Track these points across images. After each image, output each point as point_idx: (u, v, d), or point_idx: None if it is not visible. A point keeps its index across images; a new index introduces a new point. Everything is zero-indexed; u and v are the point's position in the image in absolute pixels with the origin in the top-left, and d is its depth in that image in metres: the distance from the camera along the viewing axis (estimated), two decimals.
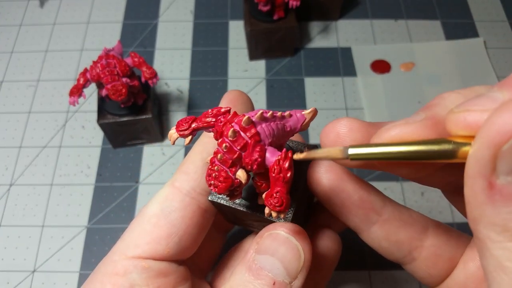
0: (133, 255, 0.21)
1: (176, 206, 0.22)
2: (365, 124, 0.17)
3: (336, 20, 0.50)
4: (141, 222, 0.22)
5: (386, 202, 0.20)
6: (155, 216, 0.22)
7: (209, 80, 0.46)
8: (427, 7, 0.51)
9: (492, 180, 0.13)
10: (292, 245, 0.19)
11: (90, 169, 0.41)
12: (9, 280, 0.36)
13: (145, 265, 0.21)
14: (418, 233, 0.20)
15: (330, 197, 0.19)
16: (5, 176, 0.41)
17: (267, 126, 0.18)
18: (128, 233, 0.22)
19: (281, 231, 0.19)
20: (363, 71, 0.46)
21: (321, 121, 0.43)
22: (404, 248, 0.20)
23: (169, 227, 0.22)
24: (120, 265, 0.21)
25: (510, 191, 0.13)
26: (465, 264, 0.19)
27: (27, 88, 0.46)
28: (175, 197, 0.22)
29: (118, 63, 0.35)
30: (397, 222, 0.19)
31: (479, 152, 0.13)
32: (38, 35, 0.49)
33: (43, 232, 0.38)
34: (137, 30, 0.49)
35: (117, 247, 0.22)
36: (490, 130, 0.12)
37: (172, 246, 0.22)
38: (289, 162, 0.17)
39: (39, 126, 0.43)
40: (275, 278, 0.19)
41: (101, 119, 0.38)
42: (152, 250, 0.21)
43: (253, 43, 0.45)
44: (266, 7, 0.41)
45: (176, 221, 0.22)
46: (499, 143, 0.12)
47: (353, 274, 0.36)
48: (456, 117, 0.14)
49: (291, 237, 0.19)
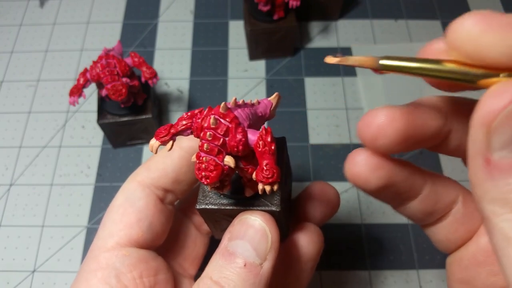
0: (111, 244, 0.22)
1: (139, 195, 0.24)
2: (405, 111, 0.17)
3: (336, 20, 0.50)
4: (110, 214, 0.24)
5: (426, 179, 0.20)
6: (121, 206, 0.24)
7: (209, 80, 0.46)
8: (427, 7, 0.51)
9: (488, 156, 0.14)
10: (259, 227, 0.21)
11: (90, 169, 0.41)
12: (9, 280, 0.36)
13: (125, 253, 0.22)
14: (451, 203, 0.20)
15: (377, 194, 0.19)
16: (5, 176, 0.41)
17: (243, 111, 0.19)
18: (101, 229, 0.24)
19: (249, 216, 0.21)
20: (363, 71, 0.46)
21: (322, 121, 0.43)
22: (434, 216, 0.20)
23: (136, 213, 0.23)
24: (101, 258, 0.22)
25: (505, 164, 0.13)
26: (478, 237, 0.20)
27: (27, 88, 0.46)
28: (138, 188, 0.24)
29: (118, 63, 0.35)
30: (434, 196, 0.20)
31: (474, 133, 0.14)
32: (38, 35, 0.49)
33: (43, 232, 0.38)
34: (137, 30, 0.49)
35: (94, 244, 0.23)
36: (481, 111, 0.13)
37: (144, 230, 0.23)
38: (271, 135, 0.18)
39: (39, 126, 0.43)
40: (246, 259, 0.20)
41: (101, 119, 0.38)
42: (127, 235, 0.23)
43: (253, 43, 0.45)
44: (266, 7, 0.41)
45: (142, 207, 0.24)
46: (489, 122, 0.13)
47: (353, 274, 0.36)
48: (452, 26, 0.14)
49: (258, 219, 0.21)
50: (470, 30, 0.14)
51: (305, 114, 0.44)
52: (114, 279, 0.21)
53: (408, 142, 0.17)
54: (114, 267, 0.22)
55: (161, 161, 0.25)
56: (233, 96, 0.44)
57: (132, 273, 0.22)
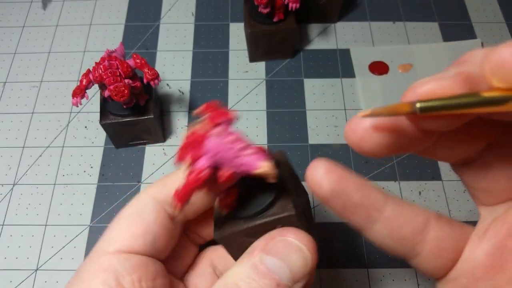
0: (113, 250, 0.23)
1: (150, 209, 0.24)
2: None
3: (335, 22, 0.50)
4: (118, 221, 0.24)
5: (388, 199, 0.19)
6: (131, 215, 0.24)
7: (210, 81, 0.47)
8: (425, 9, 0.51)
9: None
10: (303, 255, 0.20)
11: (92, 169, 0.42)
12: (11, 278, 0.37)
13: (126, 256, 0.23)
14: (421, 228, 0.19)
15: (331, 199, 0.20)
16: (9, 175, 0.41)
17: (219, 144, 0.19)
18: (107, 233, 0.24)
19: (294, 239, 0.21)
20: (362, 72, 0.47)
21: (321, 121, 0.44)
22: (407, 243, 0.20)
23: (144, 226, 0.24)
24: (102, 260, 0.22)
25: None
26: (471, 253, 0.19)
27: (30, 89, 0.46)
28: (150, 202, 0.24)
29: (120, 64, 0.36)
30: (398, 219, 0.19)
31: None
32: (41, 36, 0.50)
33: (46, 231, 0.39)
34: (139, 32, 0.50)
35: (97, 247, 0.24)
36: None
37: (147, 243, 0.23)
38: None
39: (42, 127, 0.44)
40: (280, 280, 0.20)
41: (103, 119, 0.39)
42: (130, 245, 0.23)
43: (253, 45, 0.45)
44: (266, 10, 0.42)
45: (150, 221, 0.24)
46: None
47: (351, 272, 0.37)
48: (494, 54, 0.13)
49: (303, 247, 0.21)
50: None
51: (304, 114, 0.44)
52: (114, 282, 0.22)
53: (393, 146, 0.17)
54: (114, 270, 0.22)
55: (176, 178, 0.25)
56: (233, 97, 0.45)
57: (132, 277, 0.22)
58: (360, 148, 0.18)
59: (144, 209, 0.24)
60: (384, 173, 0.41)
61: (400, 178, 0.41)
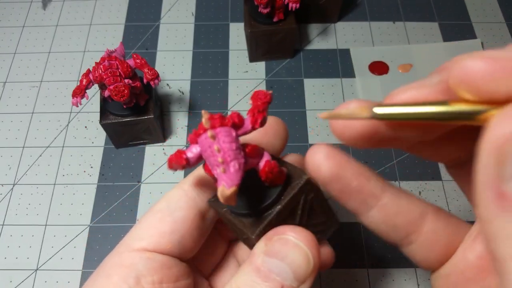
0: (138, 247, 0.22)
1: (180, 205, 0.23)
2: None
3: (335, 22, 0.50)
4: (148, 217, 0.23)
5: (386, 187, 0.19)
6: (161, 211, 0.23)
7: (210, 81, 0.47)
8: (425, 9, 0.51)
9: (502, 188, 0.12)
10: (302, 251, 0.20)
11: (92, 169, 0.42)
12: (12, 278, 0.37)
13: (150, 256, 0.22)
14: (416, 218, 0.19)
15: (329, 183, 0.19)
16: (9, 175, 0.41)
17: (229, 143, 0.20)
18: (135, 228, 0.23)
19: (291, 236, 0.20)
20: (362, 72, 0.47)
21: (321, 121, 0.44)
22: (402, 231, 0.20)
23: (172, 223, 0.23)
24: (125, 256, 0.22)
25: None
26: (464, 253, 0.19)
27: (30, 89, 0.46)
28: (181, 198, 0.23)
29: (120, 64, 0.36)
30: (395, 207, 0.19)
31: (483, 162, 0.12)
32: (41, 36, 0.50)
33: (46, 231, 0.39)
34: (139, 32, 0.50)
35: (124, 241, 0.23)
36: (491, 136, 0.12)
37: (174, 242, 0.23)
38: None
39: (42, 127, 0.44)
40: (283, 282, 0.19)
41: (103, 119, 0.39)
42: (156, 243, 0.22)
43: (253, 45, 0.45)
44: (266, 10, 0.42)
45: (179, 219, 0.23)
46: (501, 148, 0.12)
47: (352, 272, 0.37)
48: (456, 67, 0.13)
49: (300, 242, 0.20)
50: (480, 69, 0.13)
51: (304, 114, 0.44)
52: (133, 280, 0.21)
53: (375, 138, 0.17)
54: (136, 268, 0.21)
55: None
56: (233, 97, 0.45)
57: (153, 277, 0.22)
58: (342, 137, 0.18)
59: (174, 205, 0.23)
60: (384, 173, 0.41)
61: (400, 178, 0.41)
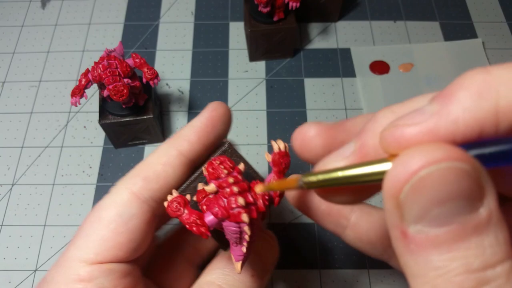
0: (95, 261, 0.21)
1: (134, 212, 0.22)
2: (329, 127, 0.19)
3: (336, 22, 0.50)
4: (98, 227, 0.21)
5: (355, 207, 0.20)
6: (114, 222, 0.21)
7: (210, 80, 0.46)
8: (426, 8, 0.51)
9: (404, 229, 0.13)
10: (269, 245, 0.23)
11: (91, 169, 0.41)
12: (10, 279, 0.36)
13: (109, 267, 0.21)
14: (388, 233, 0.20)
15: (302, 210, 0.21)
16: (7, 176, 0.41)
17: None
18: (83, 239, 0.21)
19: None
20: (362, 72, 0.46)
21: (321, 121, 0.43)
22: (378, 247, 0.21)
23: (129, 234, 0.21)
24: (83, 271, 0.21)
25: (421, 239, 0.12)
26: None
27: (29, 88, 0.46)
28: (134, 204, 0.22)
29: (119, 64, 0.36)
30: (365, 224, 0.20)
31: (386, 205, 0.13)
32: (40, 36, 0.50)
33: (45, 231, 0.38)
34: (138, 31, 0.50)
35: (72, 253, 0.21)
36: (388, 182, 0.13)
37: (131, 251, 0.22)
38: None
39: (41, 126, 0.44)
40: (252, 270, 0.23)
41: (102, 119, 0.38)
42: (113, 256, 0.21)
43: (253, 44, 0.45)
44: (266, 9, 0.41)
45: (135, 228, 0.22)
46: (396, 194, 0.12)
47: (352, 273, 0.36)
48: (385, 135, 0.13)
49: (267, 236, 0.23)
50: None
51: (304, 114, 0.44)
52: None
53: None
54: (99, 282, 0.21)
55: (162, 169, 0.22)
56: (233, 96, 0.45)
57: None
58: (300, 153, 0.19)
59: (127, 213, 0.21)
60: None
61: None
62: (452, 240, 0.12)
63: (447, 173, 0.12)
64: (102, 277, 0.21)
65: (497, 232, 0.12)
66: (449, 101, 0.12)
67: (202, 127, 0.23)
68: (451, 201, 0.12)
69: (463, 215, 0.12)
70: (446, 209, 0.12)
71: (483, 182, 0.12)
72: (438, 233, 0.12)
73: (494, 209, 0.12)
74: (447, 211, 0.12)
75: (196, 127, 0.23)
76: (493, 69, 0.12)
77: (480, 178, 0.12)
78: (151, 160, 0.23)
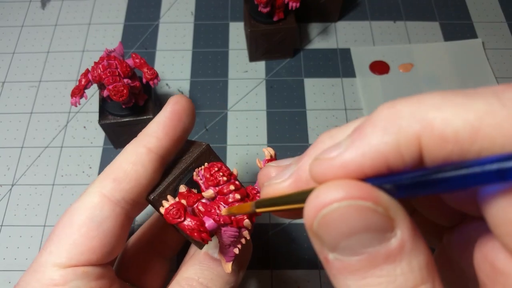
0: (68, 265, 0.21)
1: (106, 215, 0.21)
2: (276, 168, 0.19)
3: (336, 22, 0.50)
4: (69, 232, 0.21)
5: None
6: (85, 225, 0.21)
7: (210, 80, 0.46)
8: (425, 8, 0.51)
9: (325, 255, 0.13)
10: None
11: (91, 169, 0.41)
12: (10, 279, 0.36)
13: (84, 269, 0.21)
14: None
15: None
16: (7, 176, 0.41)
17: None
18: (55, 244, 0.21)
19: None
20: (362, 72, 0.46)
21: (321, 122, 0.43)
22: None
23: (102, 238, 0.21)
24: (56, 275, 0.20)
25: (339, 266, 0.13)
26: None
27: (29, 88, 0.46)
28: (105, 206, 0.21)
29: (119, 64, 0.36)
30: None
31: (309, 234, 0.14)
32: (40, 36, 0.50)
33: (45, 231, 0.38)
34: (138, 32, 0.50)
35: (45, 258, 0.21)
36: (304, 213, 0.13)
37: (105, 254, 0.21)
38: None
39: (41, 127, 0.44)
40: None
41: (102, 119, 0.38)
42: (87, 260, 0.21)
43: (253, 44, 0.45)
44: (266, 9, 0.41)
45: (109, 231, 0.21)
46: (310, 225, 0.13)
47: None
48: (311, 167, 0.14)
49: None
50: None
51: (304, 114, 0.44)
52: None
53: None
54: (73, 285, 0.20)
55: (132, 169, 0.22)
56: (233, 97, 0.45)
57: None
58: None
59: (99, 216, 0.21)
60: None
61: None
62: (366, 267, 0.13)
63: (350, 211, 0.12)
64: (76, 280, 0.20)
65: (410, 259, 0.13)
66: (358, 137, 0.13)
67: (167, 121, 0.23)
68: (358, 234, 0.13)
69: (372, 246, 0.13)
70: (354, 241, 0.13)
71: (392, 214, 0.13)
72: (351, 262, 0.13)
73: (406, 238, 0.13)
74: (356, 243, 0.13)
75: (161, 122, 0.23)
76: (398, 104, 0.13)
77: (388, 210, 0.12)
78: (120, 160, 0.22)
